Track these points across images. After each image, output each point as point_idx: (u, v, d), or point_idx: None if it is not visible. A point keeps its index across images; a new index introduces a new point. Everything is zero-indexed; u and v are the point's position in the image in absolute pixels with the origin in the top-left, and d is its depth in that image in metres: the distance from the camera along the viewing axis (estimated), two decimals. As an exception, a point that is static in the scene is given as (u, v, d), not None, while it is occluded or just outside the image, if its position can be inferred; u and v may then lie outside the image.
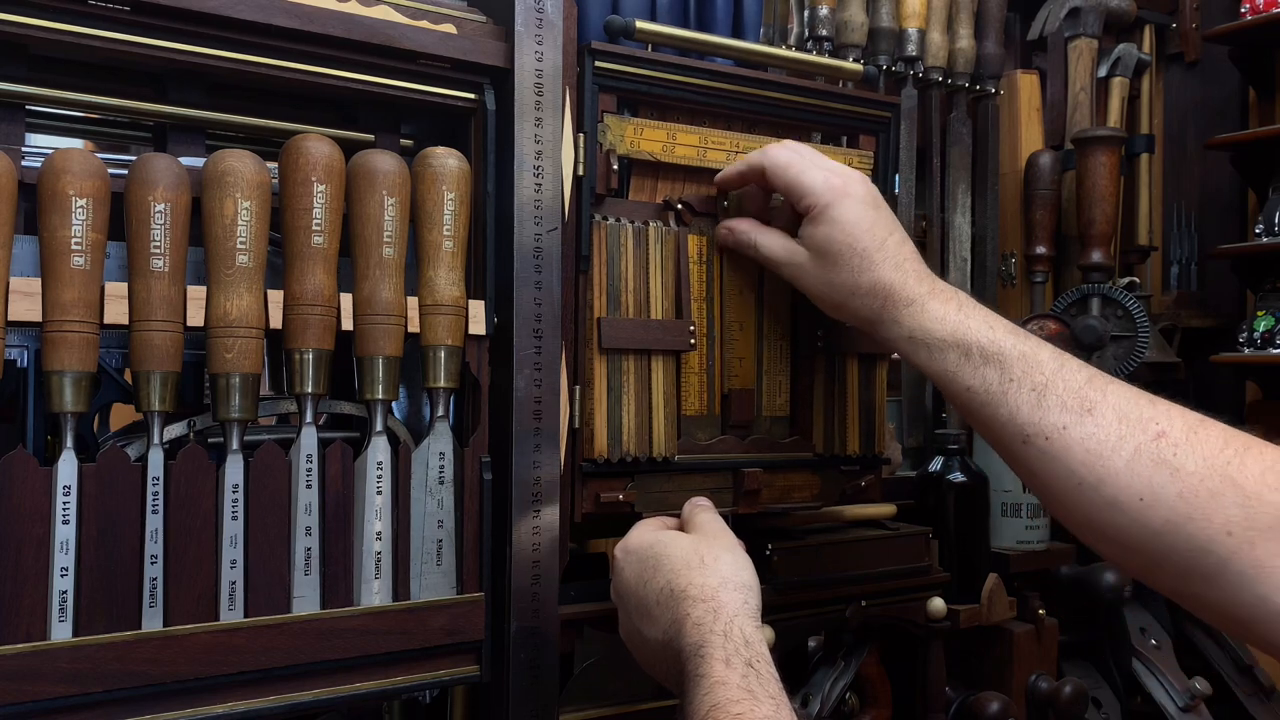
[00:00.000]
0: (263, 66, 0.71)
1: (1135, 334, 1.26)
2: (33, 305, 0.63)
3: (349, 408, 0.76)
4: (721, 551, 0.73)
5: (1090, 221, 1.32)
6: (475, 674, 0.77)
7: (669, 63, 0.88)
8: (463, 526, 0.76)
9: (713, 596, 0.69)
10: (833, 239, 0.79)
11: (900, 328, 0.77)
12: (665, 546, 0.74)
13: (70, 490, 0.63)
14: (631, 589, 0.74)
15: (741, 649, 0.64)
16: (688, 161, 0.89)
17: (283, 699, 0.69)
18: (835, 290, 0.80)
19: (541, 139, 0.78)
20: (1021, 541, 1.20)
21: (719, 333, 0.90)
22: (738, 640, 0.65)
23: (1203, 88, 1.73)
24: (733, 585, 0.70)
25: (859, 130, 1.00)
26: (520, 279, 0.77)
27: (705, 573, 0.71)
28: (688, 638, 0.67)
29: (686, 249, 0.88)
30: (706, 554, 0.72)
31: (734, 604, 0.68)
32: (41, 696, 0.61)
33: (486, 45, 0.78)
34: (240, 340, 0.68)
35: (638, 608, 0.73)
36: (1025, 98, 1.41)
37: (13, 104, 0.71)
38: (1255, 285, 1.62)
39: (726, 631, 0.66)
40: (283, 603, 0.69)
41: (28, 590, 0.61)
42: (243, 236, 0.68)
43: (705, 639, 0.65)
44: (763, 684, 0.62)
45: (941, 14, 1.19)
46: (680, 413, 0.88)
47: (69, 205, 0.63)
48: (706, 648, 0.65)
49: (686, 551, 0.73)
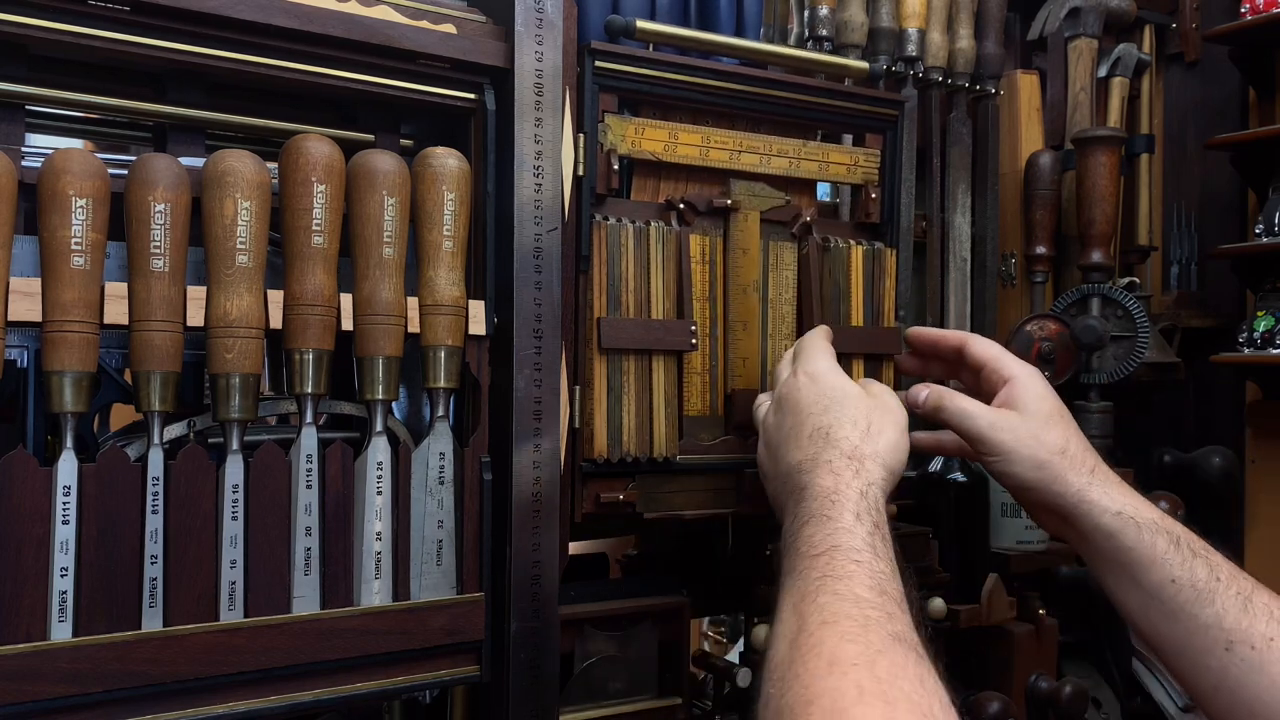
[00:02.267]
0: (263, 66, 0.71)
1: (1135, 334, 1.26)
2: (33, 305, 0.63)
3: (349, 408, 0.76)
4: (889, 428, 0.75)
5: (1090, 221, 1.32)
6: (475, 674, 0.77)
7: (670, 62, 0.88)
8: (463, 526, 0.76)
9: (862, 460, 0.71)
10: (1045, 400, 0.80)
11: (1111, 500, 0.74)
12: (846, 396, 0.76)
13: (70, 490, 0.63)
14: (801, 408, 0.77)
15: (873, 511, 0.66)
16: (690, 161, 0.89)
17: (283, 699, 0.69)
18: (1043, 446, 0.77)
19: (541, 139, 0.78)
20: (1021, 542, 1.20)
21: (722, 332, 0.90)
22: (872, 503, 0.67)
23: (1203, 88, 1.72)
24: (882, 462, 0.72)
25: (865, 128, 1.00)
26: (520, 279, 0.77)
27: (867, 439, 0.73)
28: (823, 480, 0.69)
29: (688, 249, 0.88)
30: (875, 423, 0.75)
31: (876, 475, 0.71)
32: (41, 696, 0.61)
33: (486, 45, 0.78)
34: (240, 340, 0.68)
35: (794, 428, 0.76)
36: (1025, 98, 1.41)
37: (13, 104, 0.71)
38: (1255, 285, 1.62)
39: (864, 492, 0.68)
40: (283, 603, 0.69)
41: (28, 590, 0.61)
42: (243, 236, 0.68)
43: (842, 489, 0.68)
44: (886, 547, 0.63)
45: (941, 14, 1.19)
46: (682, 413, 0.88)
47: (69, 205, 0.63)
48: (840, 496, 0.67)
49: (859, 412, 0.75)
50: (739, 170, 0.92)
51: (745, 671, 0.99)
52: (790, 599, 0.60)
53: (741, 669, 0.99)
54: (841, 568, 0.61)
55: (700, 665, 1.05)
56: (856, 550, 0.61)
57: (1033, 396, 0.80)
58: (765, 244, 0.92)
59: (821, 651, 0.54)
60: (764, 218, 0.92)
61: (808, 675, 0.52)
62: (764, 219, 0.92)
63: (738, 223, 0.91)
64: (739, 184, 0.91)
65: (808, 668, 0.53)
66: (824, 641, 0.54)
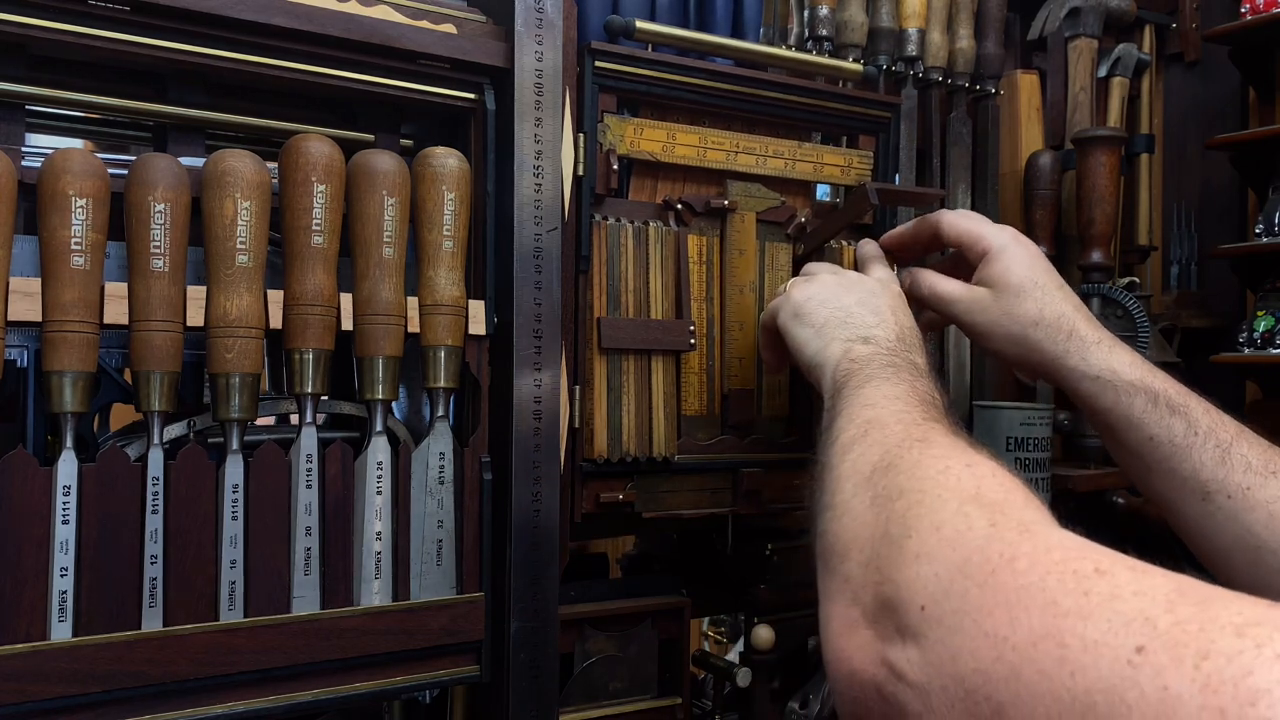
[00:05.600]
0: (263, 66, 0.71)
1: (1135, 334, 1.26)
2: (33, 305, 0.63)
3: (349, 408, 0.76)
4: (903, 317, 0.78)
5: (1090, 221, 1.32)
6: (475, 674, 0.77)
7: (669, 63, 0.88)
8: (463, 526, 0.76)
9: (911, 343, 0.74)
10: (1014, 272, 0.80)
11: (1088, 366, 0.76)
12: (875, 292, 0.79)
13: (70, 490, 0.63)
14: (829, 292, 0.79)
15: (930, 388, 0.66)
16: (687, 161, 0.89)
17: (282, 699, 0.69)
18: (1015, 321, 0.79)
19: (541, 139, 0.78)
20: (1021, 541, 1.20)
21: (719, 333, 0.90)
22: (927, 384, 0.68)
23: (1203, 88, 1.73)
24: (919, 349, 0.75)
25: (859, 130, 1.00)
26: (520, 279, 0.77)
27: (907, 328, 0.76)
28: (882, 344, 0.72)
29: (686, 249, 0.88)
30: (889, 316, 0.77)
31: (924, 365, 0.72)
32: (41, 696, 0.61)
33: (486, 45, 0.78)
34: (240, 340, 0.68)
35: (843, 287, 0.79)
36: (1025, 98, 1.41)
37: (13, 104, 0.71)
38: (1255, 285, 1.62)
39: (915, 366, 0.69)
40: (283, 603, 0.69)
41: (28, 590, 0.61)
42: (243, 236, 0.68)
43: (895, 363, 0.69)
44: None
45: (941, 14, 1.19)
46: (680, 413, 0.88)
47: (69, 205, 0.63)
48: (899, 365, 0.68)
49: (880, 305, 0.78)
50: (735, 171, 0.92)
51: (745, 671, 0.99)
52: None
53: (741, 669, 1.00)
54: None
55: (700, 665, 1.05)
56: (931, 406, 0.63)
57: (1003, 269, 0.81)
58: (761, 244, 0.93)
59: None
60: (760, 218, 0.92)
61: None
62: (760, 219, 0.92)
63: (734, 223, 0.91)
64: (735, 185, 0.91)
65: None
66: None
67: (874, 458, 0.55)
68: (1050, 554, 0.41)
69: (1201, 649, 0.32)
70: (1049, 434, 1.16)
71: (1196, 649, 0.33)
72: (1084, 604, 0.37)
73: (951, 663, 0.41)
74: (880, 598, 0.47)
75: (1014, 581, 0.40)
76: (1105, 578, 0.38)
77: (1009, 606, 0.40)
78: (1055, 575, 0.39)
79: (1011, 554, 0.42)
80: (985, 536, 0.44)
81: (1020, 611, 0.39)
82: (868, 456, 0.56)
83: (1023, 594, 0.40)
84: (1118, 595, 0.37)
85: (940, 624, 0.42)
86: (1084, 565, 0.39)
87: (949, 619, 0.42)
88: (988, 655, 0.39)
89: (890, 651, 0.45)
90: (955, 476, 0.50)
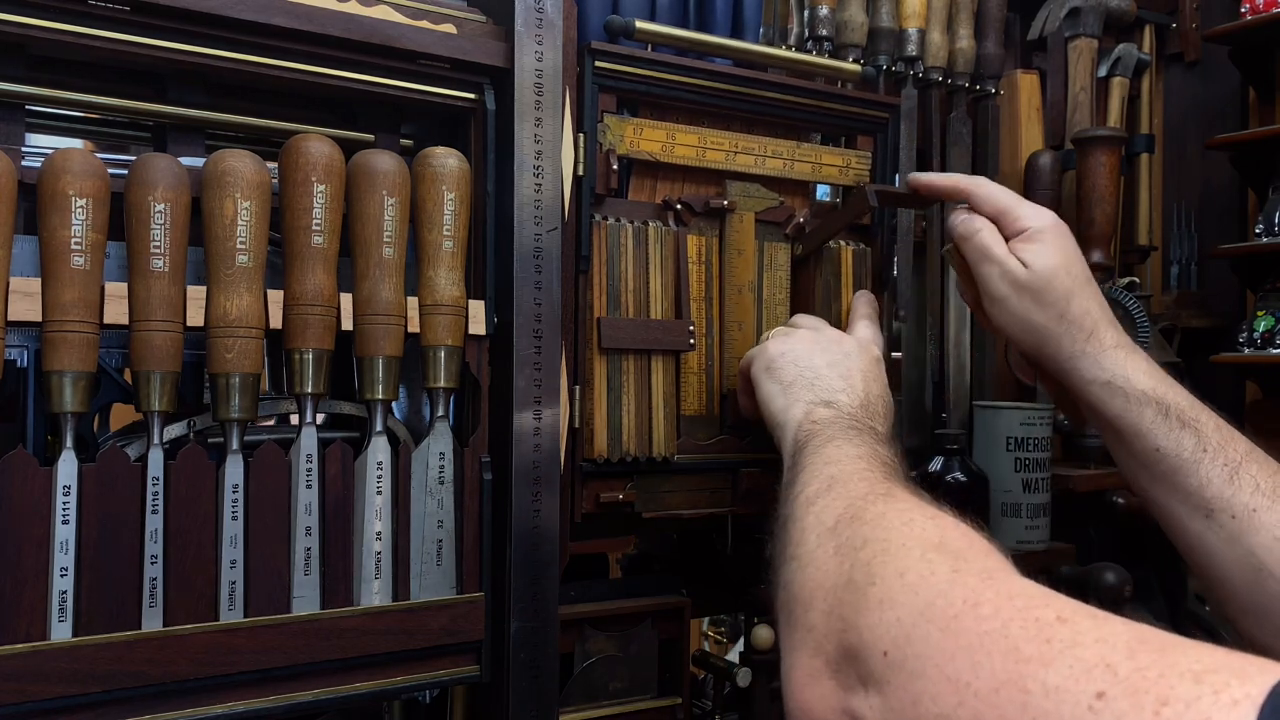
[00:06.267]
0: (263, 66, 0.71)
1: (1135, 334, 1.26)
2: (33, 305, 0.63)
3: (349, 408, 0.76)
4: (872, 384, 0.79)
5: (1090, 221, 1.32)
6: (475, 674, 0.77)
7: (668, 63, 0.88)
8: (463, 526, 0.76)
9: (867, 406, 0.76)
10: (1049, 259, 0.78)
11: (1101, 370, 0.75)
12: (849, 355, 0.81)
13: (70, 490, 0.63)
14: (801, 351, 0.81)
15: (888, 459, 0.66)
16: (687, 162, 0.89)
17: (282, 699, 0.69)
18: (1040, 312, 0.77)
19: (541, 139, 0.78)
20: (1021, 541, 1.20)
21: (718, 332, 0.90)
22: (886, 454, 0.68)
23: (1203, 88, 1.73)
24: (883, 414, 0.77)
25: (857, 130, 1.00)
26: (520, 279, 0.77)
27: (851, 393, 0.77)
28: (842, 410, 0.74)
29: (686, 249, 0.88)
30: (858, 382, 0.78)
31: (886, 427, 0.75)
32: (41, 696, 0.61)
33: (486, 45, 0.78)
34: (240, 340, 0.68)
35: (814, 350, 0.80)
36: (1025, 98, 1.41)
37: (13, 104, 0.71)
38: (1255, 285, 1.62)
39: (875, 435, 0.70)
40: (283, 603, 0.69)
41: (28, 590, 0.61)
42: (243, 236, 0.68)
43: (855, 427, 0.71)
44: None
45: (941, 14, 1.19)
46: (680, 413, 0.88)
47: (69, 205, 0.63)
48: (856, 431, 0.70)
49: (851, 370, 0.79)
50: (734, 171, 0.92)
51: (745, 671, 0.99)
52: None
53: (741, 669, 1.00)
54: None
55: (700, 665, 1.05)
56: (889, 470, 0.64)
57: (1041, 251, 0.78)
58: (760, 244, 0.93)
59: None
60: (759, 218, 0.92)
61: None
62: (759, 220, 0.92)
63: (733, 223, 0.91)
64: (734, 185, 0.91)
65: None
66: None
67: (838, 509, 0.56)
68: (1013, 600, 0.41)
69: (1161, 695, 0.33)
70: (1049, 434, 1.16)
71: (1156, 695, 0.33)
72: (1046, 650, 0.37)
73: (913, 707, 0.41)
74: (843, 646, 0.47)
75: (977, 627, 0.41)
76: (1067, 625, 0.38)
77: (971, 651, 0.40)
78: (1018, 621, 0.40)
79: (975, 599, 0.42)
80: (948, 582, 0.44)
81: (983, 656, 0.39)
82: (832, 509, 0.56)
83: (985, 639, 0.40)
84: (1079, 642, 0.37)
85: (902, 669, 0.42)
86: (1046, 613, 0.40)
87: (911, 663, 0.42)
88: (950, 700, 0.39)
89: (853, 700, 0.45)
90: (919, 526, 0.51)
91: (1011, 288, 0.79)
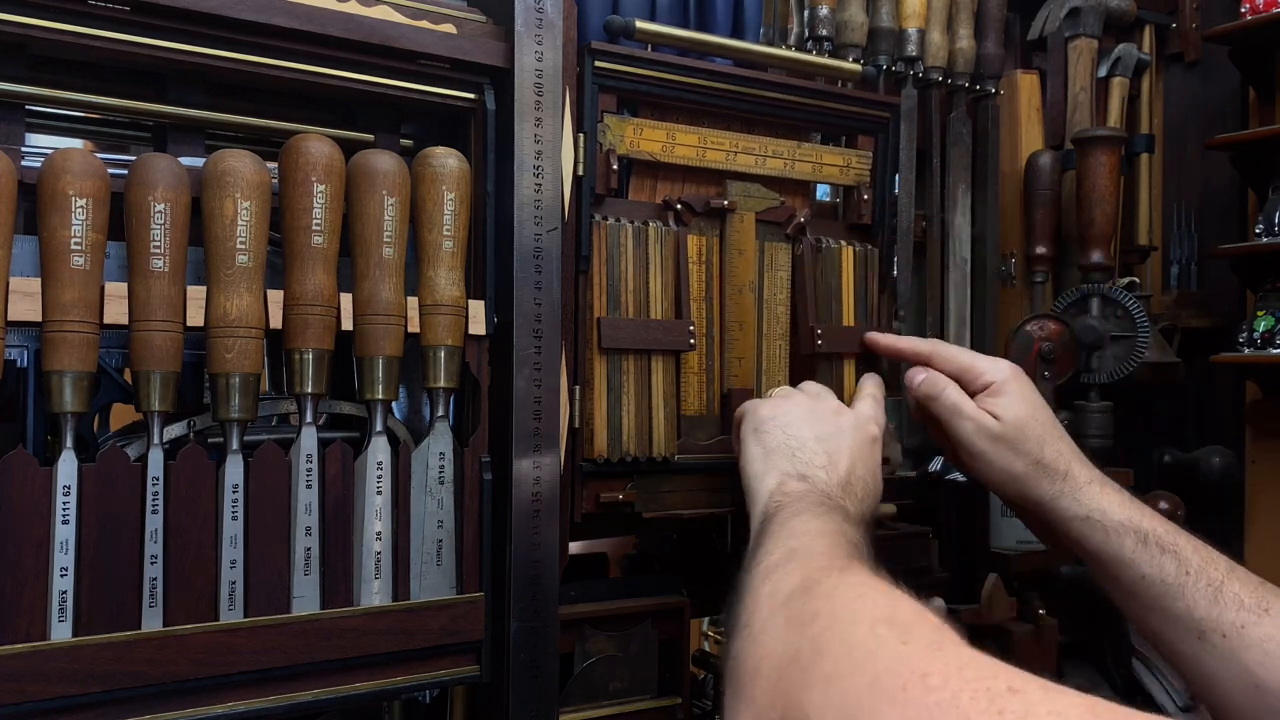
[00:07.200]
0: (263, 66, 0.71)
1: (1135, 334, 1.26)
2: (33, 305, 0.63)
3: (349, 408, 0.76)
4: (858, 464, 0.79)
5: (1090, 221, 1.32)
6: (475, 674, 0.77)
7: (669, 63, 0.88)
8: (463, 526, 0.76)
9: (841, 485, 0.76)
10: (1018, 409, 0.81)
11: (1079, 506, 0.78)
12: (841, 430, 0.80)
13: (70, 490, 0.63)
14: (792, 418, 0.80)
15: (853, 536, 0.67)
16: (687, 162, 0.89)
17: (282, 699, 0.69)
18: (1018, 460, 0.80)
19: (541, 139, 0.78)
20: (1021, 541, 1.20)
21: (719, 332, 0.90)
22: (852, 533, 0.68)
23: (1203, 88, 1.73)
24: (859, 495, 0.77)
25: (857, 130, 1.00)
26: (520, 279, 0.77)
27: (832, 470, 0.77)
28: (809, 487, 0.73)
29: (686, 249, 0.88)
30: (843, 459, 0.78)
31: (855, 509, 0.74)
32: (41, 696, 0.61)
33: (486, 45, 0.78)
34: (240, 340, 0.68)
35: (798, 419, 0.80)
36: (1025, 98, 1.41)
37: (13, 104, 0.71)
38: (1255, 285, 1.62)
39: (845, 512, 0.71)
40: (283, 603, 0.69)
41: (28, 590, 0.61)
42: (243, 236, 0.68)
43: (824, 500, 0.71)
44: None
45: (941, 14, 1.19)
46: (680, 413, 0.88)
47: (69, 205, 0.63)
48: (826, 507, 0.70)
49: (838, 446, 0.79)
50: (735, 171, 0.92)
51: (745, 671, 0.99)
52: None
53: (741, 669, 0.99)
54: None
55: (700, 665, 1.05)
56: (855, 549, 0.63)
57: (1009, 404, 0.82)
58: (761, 245, 0.93)
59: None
60: (759, 218, 0.92)
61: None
62: (759, 220, 0.92)
63: (734, 223, 0.91)
64: (735, 185, 0.91)
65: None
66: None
67: (793, 582, 0.56)
68: (962, 671, 0.41)
69: None
70: (1049, 434, 1.16)
71: None
72: None
73: None
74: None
75: (926, 698, 0.40)
76: (1018, 696, 0.38)
77: None
78: (968, 693, 0.39)
79: (924, 670, 0.41)
80: (896, 655, 0.44)
81: None
82: (787, 581, 0.56)
83: (935, 711, 0.39)
84: (1031, 713, 0.37)
85: None
86: (997, 684, 0.39)
87: None
88: None
89: None
90: (870, 601, 0.50)
91: (989, 441, 0.82)
